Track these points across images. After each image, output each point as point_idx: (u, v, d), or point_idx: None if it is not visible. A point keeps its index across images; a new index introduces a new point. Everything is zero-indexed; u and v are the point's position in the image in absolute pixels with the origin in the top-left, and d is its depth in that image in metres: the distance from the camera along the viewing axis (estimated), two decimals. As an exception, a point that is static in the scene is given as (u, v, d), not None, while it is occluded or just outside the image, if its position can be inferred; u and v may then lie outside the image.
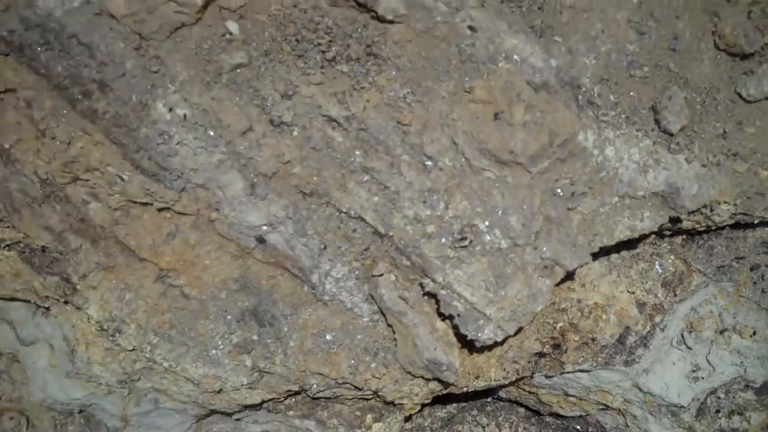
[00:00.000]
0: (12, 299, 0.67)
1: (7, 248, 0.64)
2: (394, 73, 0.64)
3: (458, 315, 0.60)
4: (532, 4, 0.66)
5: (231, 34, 0.63)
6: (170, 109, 0.60)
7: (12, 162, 0.61)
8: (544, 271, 0.61)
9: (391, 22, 0.64)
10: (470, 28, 0.64)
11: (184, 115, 0.61)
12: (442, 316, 0.62)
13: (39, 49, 0.60)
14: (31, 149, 0.61)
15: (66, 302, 0.65)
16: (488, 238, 0.61)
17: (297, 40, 0.64)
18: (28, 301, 0.67)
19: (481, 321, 0.61)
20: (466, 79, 0.64)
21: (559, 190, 0.61)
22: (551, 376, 0.64)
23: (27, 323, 0.67)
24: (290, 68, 0.63)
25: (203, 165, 0.61)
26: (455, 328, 0.62)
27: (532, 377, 0.63)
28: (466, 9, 0.65)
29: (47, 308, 0.67)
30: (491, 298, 0.61)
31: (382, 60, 0.64)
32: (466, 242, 0.61)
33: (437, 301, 0.62)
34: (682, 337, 0.66)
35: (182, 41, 0.62)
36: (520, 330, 0.62)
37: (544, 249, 0.61)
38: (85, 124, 0.61)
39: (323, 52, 0.64)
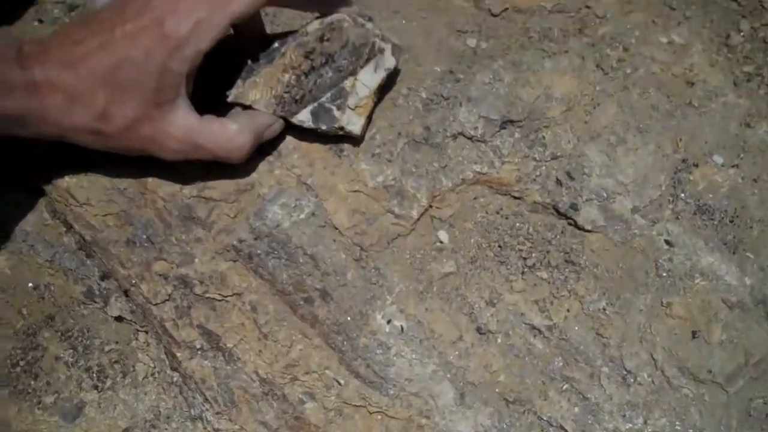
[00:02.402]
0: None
1: (220, 438, 0.67)
2: (592, 282, 0.66)
3: None
4: (724, 218, 0.67)
5: (441, 242, 0.66)
6: (389, 321, 0.63)
7: (234, 360, 0.64)
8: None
9: (589, 231, 0.66)
10: (667, 242, 0.66)
11: (402, 328, 0.63)
12: None
13: (266, 257, 0.63)
14: (253, 350, 0.64)
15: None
16: (683, 451, 0.63)
17: (500, 246, 0.66)
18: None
19: None
20: (664, 293, 0.65)
21: (753, 411, 0.62)
22: None
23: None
24: (494, 275, 0.66)
25: (418, 375, 0.63)
26: None
27: None
28: (662, 222, 0.66)
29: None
30: None
31: (580, 268, 0.67)
32: (663, 455, 0.63)
33: None
34: None
35: (398, 252, 0.65)
36: None
37: (737, 464, 0.63)
38: (306, 329, 0.64)
39: (524, 258, 0.67)
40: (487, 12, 0.73)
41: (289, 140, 0.67)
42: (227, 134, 0.59)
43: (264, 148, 0.67)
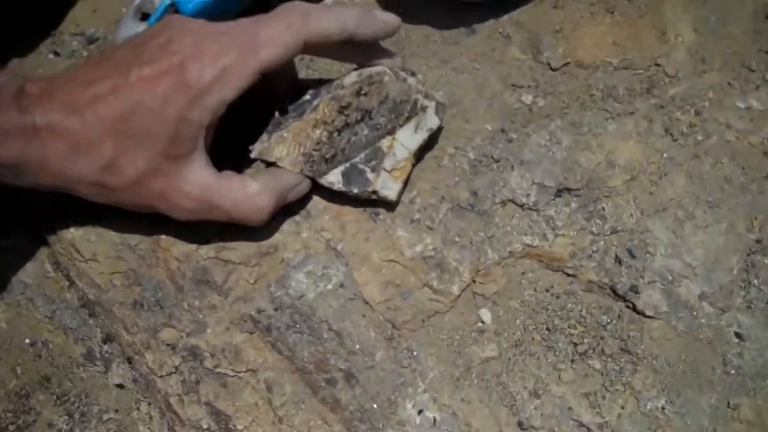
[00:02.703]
0: None
1: None
2: (651, 376, 0.58)
3: None
4: (802, 309, 0.59)
5: (483, 322, 0.59)
6: (420, 411, 0.56)
7: (244, 444, 0.57)
8: None
9: (650, 317, 0.58)
10: (737, 335, 0.59)
11: (434, 420, 0.56)
12: None
13: (287, 331, 0.56)
14: (266, 434, 0.57)
15: None
16: None
17: (548, 329, 0.59)
18: None
19: None
20: (731, 393, 0.57)
21: None
22: None
23: None
24: (540, 362, 0.58)
25: (450, 475, 0.56)
26: None
27: None
28: (732, 311, 0.59)
29: None
30: None
31: (638, 359, 0.59)
32: None
33: None
34: None
35: (435, 331, 0.58)
36: None
37: None
38: (326, 414, 0.57)
39: (575, 344, 0.59)
40: (545, 66, 0.66)
41: (319, 199, 0.60)
42: (247, 194, 0.53)
43: (291, 206, 0.60)
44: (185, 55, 0.48)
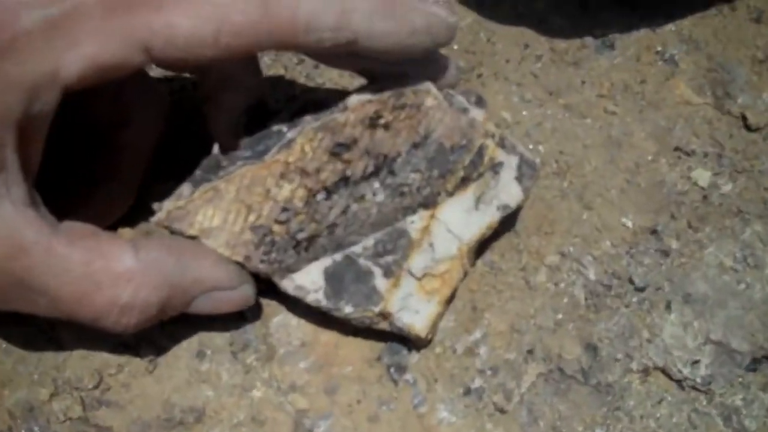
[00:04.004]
0: None
1: None
2: None
3: None
4: None
5: None
6: None
7: None
8: None
9: None
10: None
11: None
12: None
13: None
14: None
15: None
16: None
17: None
18: None
19: None
20: None
21: None
22: None
23: None
24: None
25: None
26: None
27: None
28: None
29: None
30: None
31: None
32: None
33: None
34: None
35: None
36: None
37: None
38: None
39: None
40: (737, 120, 0.38)
41: (296, 323, 0.33)
42: (108, 273, 0.28)
43: (239, 325, 0.33)
44: None
